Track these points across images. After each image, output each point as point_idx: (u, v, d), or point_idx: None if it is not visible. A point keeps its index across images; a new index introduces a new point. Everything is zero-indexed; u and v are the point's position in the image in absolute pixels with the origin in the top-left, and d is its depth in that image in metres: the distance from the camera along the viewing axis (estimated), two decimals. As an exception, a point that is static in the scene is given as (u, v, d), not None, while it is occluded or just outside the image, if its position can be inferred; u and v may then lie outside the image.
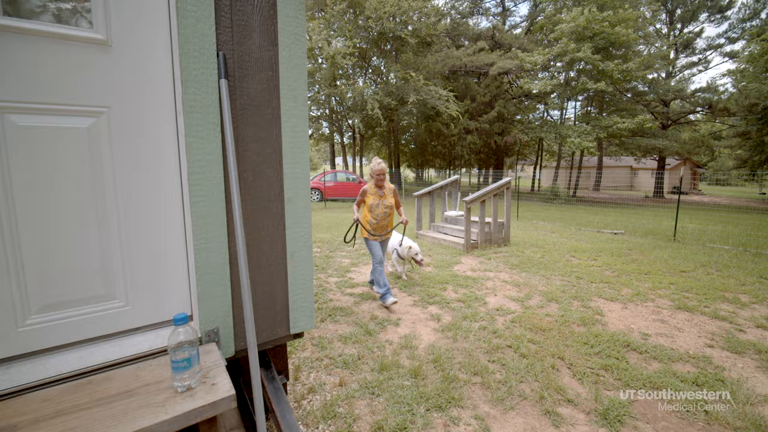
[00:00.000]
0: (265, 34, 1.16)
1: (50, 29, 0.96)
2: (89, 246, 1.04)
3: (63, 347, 1.04)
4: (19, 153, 0.94)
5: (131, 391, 0.92)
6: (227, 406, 0.89)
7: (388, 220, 3.93)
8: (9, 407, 0.86)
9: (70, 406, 0.86)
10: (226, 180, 1.13)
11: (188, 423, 0.85)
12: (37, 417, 0.83)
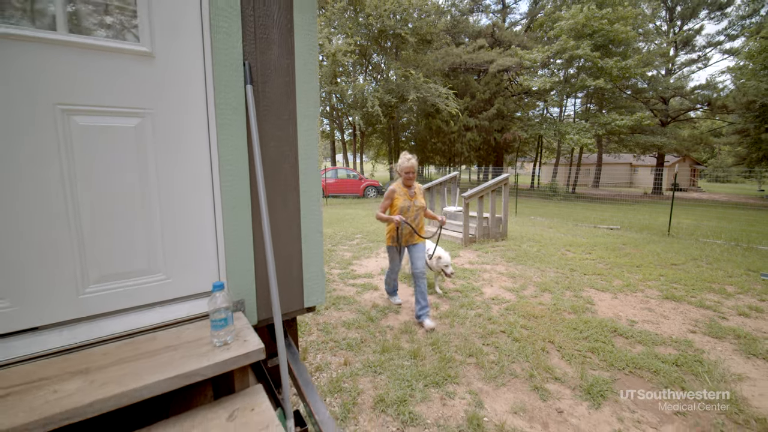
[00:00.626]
0: (284, 45, 1.34)
1: (105, 44, 1.14)
2: (136, 227, 1.23)
3: (114, 312, 1.22)
4: (81, 147, 1.12)
5: (175, 346, 1.11)
6: (257, 357, 1.07)
7: (419, 222, 3.43)
8: (78, 358, 1.05)
9: (125, 357, 1.05)
10: (251, 172, 1.31)
11: (226, 369, 1.03)
12: (100, 365, 1.01)
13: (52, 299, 1.12)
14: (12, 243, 1.05)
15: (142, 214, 1.22)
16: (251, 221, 1.33)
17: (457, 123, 19.35)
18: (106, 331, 1.14)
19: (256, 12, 1.27)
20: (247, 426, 0.96)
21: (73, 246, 1.13)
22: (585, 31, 17.69)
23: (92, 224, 1.15)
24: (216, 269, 1.36)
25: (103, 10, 1.16)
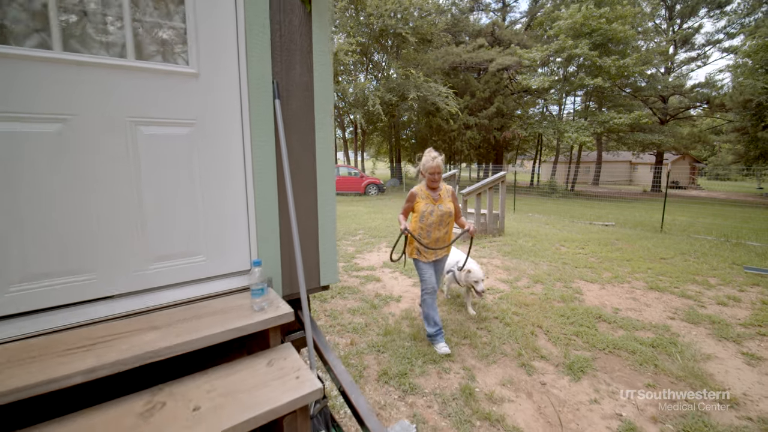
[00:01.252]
0: (304, 65, 1.59)
1: (162, 67, 1.40)
2: (184, 216, 1.49)
3: (171, 285, 1.49)
4: (145, 151, 1.38)
5: (223, 310, 1.37)
6: (288, 319, 1.34)
7: (445, 231, 2.94)
8: (147, 318, 1.31)
9: (186, 318, 1.31)
10: (278, 172, 1.57)
11: (265, 327, 1.30)
12: (167, 323, 1.28)
13: (124, 274, 1.39)
14: (95, 228, 1.32)
15: (188, 206, 1.49)
16: (278, 213, 1.60)
17: (457, 121, 19.58)
18: (167, 300, 1.41)
19: (282, 39, 1.53)
20: (282, 370, 1.23)
21: (138, 230, 1.40)
22: (583, 30, 17.87)
23: (152, 213, 1.42)
24: (248, 253, 1.63)
25: (160, 39, 1.42)
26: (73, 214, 1.28)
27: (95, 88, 1.28)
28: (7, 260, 1.20)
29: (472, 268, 3.33)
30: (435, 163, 2.84)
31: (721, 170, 41.62)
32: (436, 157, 2.87)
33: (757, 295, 4.25)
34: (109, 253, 1.35)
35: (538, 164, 31.23)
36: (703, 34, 28.75)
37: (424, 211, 2.87)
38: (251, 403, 1.07)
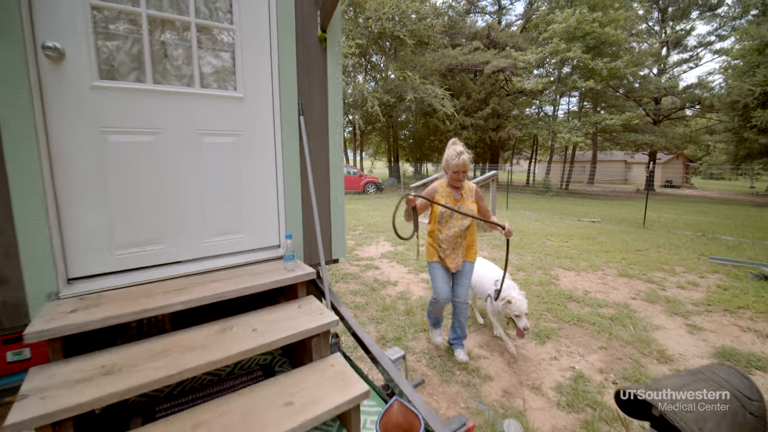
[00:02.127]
0: (321, 89, 2.09)
1: (218, 93, 1.89)
2: (232, 201, 1.99)
3: (223, 255, 1.99)
4: (207, 154, 1.88)
5: (265, 271, 1.86)
6: (311, 276, 1.84)
7: (466, 236, 2.61)
8: (209, 276, 1.80)
9: (237, 275, 1.80)
10: (302, 170, 2.07)
11: (295, 281, 1.80)
12: (224, 278, 1.77)
13: (189, 244, 1.89)
14: (173, 210, 1.82)
15: (236, 196, 1.99)
16: (301, 200, 2.09)
17: (453, 122, 20.09)
18: (220, 264, 1.90)
19: (305, 70, 2.03)
20: (309, 311, 1.73)
21: (201, 213, 1.89)
22: (577, 33, 18.40)
23: (210, 198, 1.92)
24: (277, 232, 2.14)
25: (217, 72, 1.92)
26: (159, 201, 1.78)
27: (173, 110, 1.77)
28: (114, 233, 1.70)
29: (514, 297, 2.61)
30: (461, 161, 2.42)
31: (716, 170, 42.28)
32: (462, 153, 2.43)
33: (715, 281, 4.77)
34: (182, 229, 1.85)
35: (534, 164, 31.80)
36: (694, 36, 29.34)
37: (443, 211, 2.50)
38: (290, 327, 1.57)
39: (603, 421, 2.12)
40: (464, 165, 2.46)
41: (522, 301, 2.66)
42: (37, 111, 1.44)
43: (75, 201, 1.59)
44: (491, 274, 3.08)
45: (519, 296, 2.67)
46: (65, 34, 1.51)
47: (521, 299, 2.66)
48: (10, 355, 1.66)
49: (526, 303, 2.67)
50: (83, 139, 1.58)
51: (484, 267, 3.25)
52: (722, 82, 24.88)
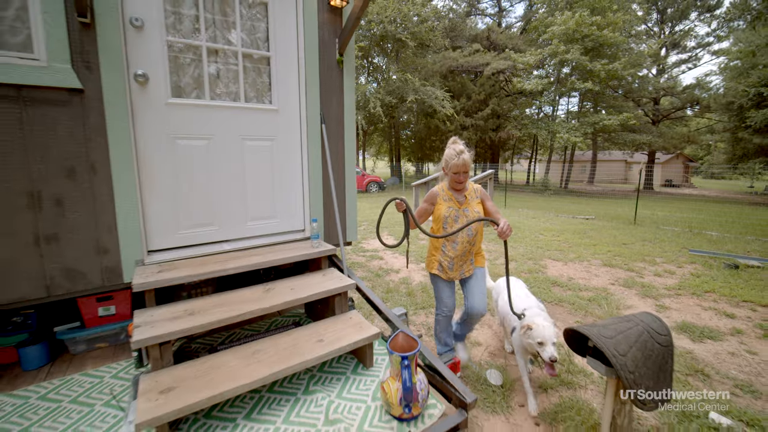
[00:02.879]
0: (338, 101, 2.56)
1: (258, 106, 2.37)
2: (267, 193, 2.46)
3: (260, 236, 2.47)
4: (248, 155, 2.36)
5: (294, 247, 2.35)
6: (331, 253, 2.32)
7: (475, 242, 2.35)
8: (250, 251, 2.29)
9: (272, 250, 2.28)
10: (323, 167, 2.54)
11: (319, 256, 2.28)
12: (262, 252, 2.25)
13: (233, 227, 2.37)
14: (220, 199, 2.30)
15: (269, 188, 2.46)
16: (322, 192, 2.57)
17: (453, 122, 20.54)
18: (258, 243, 2.38)
19: (325, 87, 2.50)
20: (332, 277, 2.21)
21: (243, 202, 2.37)
22: (575, 36, 18.81)
23: (250, 192, 2.39)
24: (303, 217, 2.61)
25: (257, 89, 2.40)
26: (211, 193, 2.26)
27: (224, 120, 2.25)
28: (178, 217, 2.17)
29: (537, 324, 2.06)
30: (460, 161, 2.20)
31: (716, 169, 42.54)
32: (462, 153, 2.21)
33: (690, 270, 5.22)
34: (228, 215, 2.33)
35: (534, 163, 32.20)
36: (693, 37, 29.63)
37: (446, 216, 2.27)
38: (318, 287, 2.05)
39: (569, 373, 2.58)
40: (464, 165, 2.21)
41: (546, 327, 2.03)
42: (129, 123, 1.91)
43: (153, 192, 2.07)
44: (521, 303, 2.38)
45: (544, 322, 2.07)
46: (149, 63, 1.99)
47: (547, 325, 2.06)
48: (101, 311, 2.14)
49: (552, 330, 2.04)
50: (159, 144, 2.06)
51: (514, 291, 2.54)
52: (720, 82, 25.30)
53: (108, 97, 1.83)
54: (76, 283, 1.86)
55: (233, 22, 2.24)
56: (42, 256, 1.76)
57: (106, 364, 2.01)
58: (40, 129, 1.70)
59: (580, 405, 2.16)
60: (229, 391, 1.47)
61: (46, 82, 1.68)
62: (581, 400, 2.22)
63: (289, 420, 1.57)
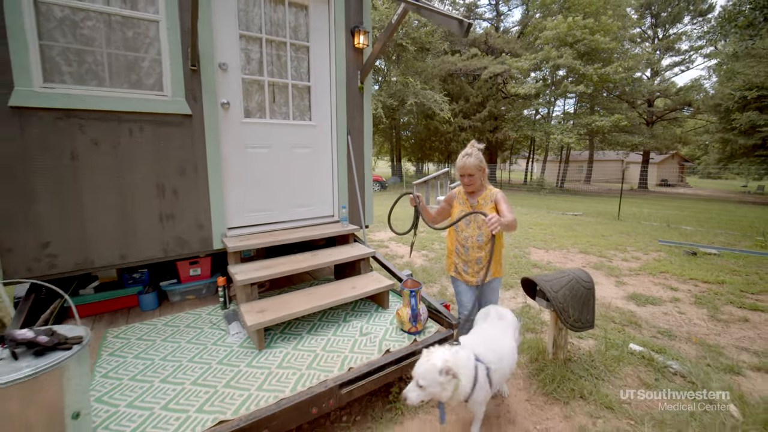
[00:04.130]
0: (360, 118, 3.38)
1: (300, 122, 3.19)
2: (306, 187, 3.28)
3: (299, 219, 3.29)
4: (294, 159, 3.18)
5: (327, 225, 3.17)
6: (356, 231, 3.14)
7: (485, 248, 2.31)
8: (294, 230, 3.11)
9: (310, 227, 3.11)
10: (348, 167, 3.36)
11: (347, 233, 3.08)
12: (304, 228, 3.07)
13: (283, 211, 3.19)
14: (274, 190, 3.11)
15: (308, 182, 3.28)
16: (348, 185, 3.39)
17: (452, 124, 21.35)
18: (301, 224, 3.21)
19: (351, 106, 3.32)
20: (358, 248, 3.02)
21: (290, 192, 3.19)
22: (568, 40, 19.60)
23: (295, 185, 3.21)
24: (332, 205, 3.44)
25: (300, 109, 3.22)
26: (268, 185, 3.07)
27: (278, 133, 3.07)
28: (246, 203, 2.99)
29: (442, 362, 1.61)
30: (461, 163, 2.23)
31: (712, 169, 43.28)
32: (467, 156, 2.23)
33: (654, 257, 6.04)
34: (279, 202, 3.16)
35: (532, 163, 33.01)
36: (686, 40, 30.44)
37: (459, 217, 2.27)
38: (348, 254, 2.87)
39: (537, 322, 3.40)
40: (464, 168, 2.22)
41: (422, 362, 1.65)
42: (218, 137, 2.73)
43: (231, 185, 2.89)
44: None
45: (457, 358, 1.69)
46: (230, 94, 2.80)
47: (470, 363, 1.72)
48: (191, 271, 2.96)
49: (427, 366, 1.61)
50: (235, 151, 2.88)
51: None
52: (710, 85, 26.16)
53: (206, 119, 2.64)
54: (183, 248, 2.68)
55: (285, 62, 3.06)
56: (163, 229, 2.58)
57: (196, 309, 2.83)
58: (164, 142, 2.52)
59: (535, 341, 2.98)
60: (298, 312, 2.29)
61: (170, 110, 2.49)
62: (539, 339, 3.04)
63: (336, 334, 2.39)
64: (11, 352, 1.30)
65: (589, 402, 2.25)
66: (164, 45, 2.45)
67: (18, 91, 2.07)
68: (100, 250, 2.40)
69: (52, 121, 2.18)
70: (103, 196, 2.36)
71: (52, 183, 2.21)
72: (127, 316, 2.69)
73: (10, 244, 2.13)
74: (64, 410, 1.34)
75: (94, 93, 2.29)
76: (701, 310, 3.81)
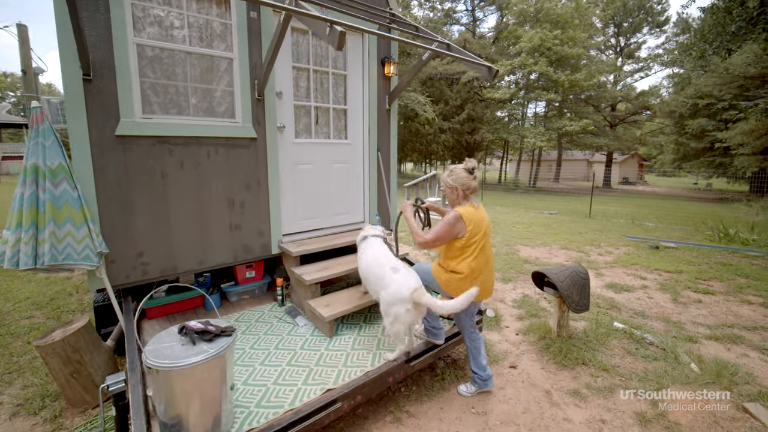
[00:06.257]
0: (387, 136, 3.86)
1: (337, 141, 3.64)
2: (343, 197, 3.73)
3: (338, 225, 3.74)
4: (333, 173, 3.62)
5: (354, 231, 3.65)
6: (387, 235, 3.64)
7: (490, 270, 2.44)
8: (336, 236, 3.56)
9: (351, 234, 3.58)
10: (379, 179, 3.84)
11: (383, 237, 3.60)
12: (342, 235, 3.53)
13: (325, 219, 3.63)
14: (317, 200, 3.55)
15: (344, 192, 3.73)
16: (378, 192, 3.88)
17: (433, 126, 22.12)
18: (339, 230, 3.66)
19: (380, 125, 3.81)
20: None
21: (328, 199, 3.63)
22: (541, 50, 20.88)
23: (334, 195, 3.65)
24: (363, 213, 3.91)
25: (338, 129, 3.67)
26: (313, 196, 3.50)
27: (321, 151, 3.51)
28: (295, 212, 3.41)
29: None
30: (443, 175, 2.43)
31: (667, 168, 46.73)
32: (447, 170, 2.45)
33: (624, 251, 6.92)
34: (322, 211, 3.60)
35: (506, 163, 34.53)
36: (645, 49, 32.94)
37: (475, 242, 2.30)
38: (388, 255, 3.36)
39: (537, 309, 4.03)
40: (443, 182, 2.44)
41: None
42: (276, 156, 3.14)
43: (284, 197, 3.30)
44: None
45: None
46: (284, 118, 3.22)
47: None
48: (247, 274, 3.35)
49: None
50: (287, 168, 3.29)
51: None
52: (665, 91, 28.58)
53: (268, 141, 3.05)
54: (247, 254, 3.07)
55: (327, 89, 3.50)
56: (233, 237, 2.97)
57: (256, 307, 3.22)
58: (234, 161, 2.91)
59: (540, 323, 3.60)
60: (358, 306, 2.77)
61: (240, 135, 2.89)
62: (542, 322, 3.67)
63: (388, 322, 2.89)
64: (191, 339, 1.71)
65: (590, 366, 2.88)
66: (236, 79, 2.84)
67: (123, 123, 2.41)
68: (182, 257, 2.76)
69: (148, 146, 2.53)
70: (185, 210, 2.73)
71: (147, 199, 2.56)
72: (197, 315, 3.05)
73: (114, 256, 2.47)
74: (227, 382, 1.77)
75: (181, 121, 2.65)
76: (665, 295, 4.60)
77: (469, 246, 2.29)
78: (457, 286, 2.29)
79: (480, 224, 2.34)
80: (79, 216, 2.12)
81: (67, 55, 2.16)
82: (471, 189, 2.39)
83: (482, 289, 2.30)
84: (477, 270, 2.31)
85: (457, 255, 2.33)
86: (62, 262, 2.02)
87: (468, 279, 2.30)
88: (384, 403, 2.47)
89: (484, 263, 2.36)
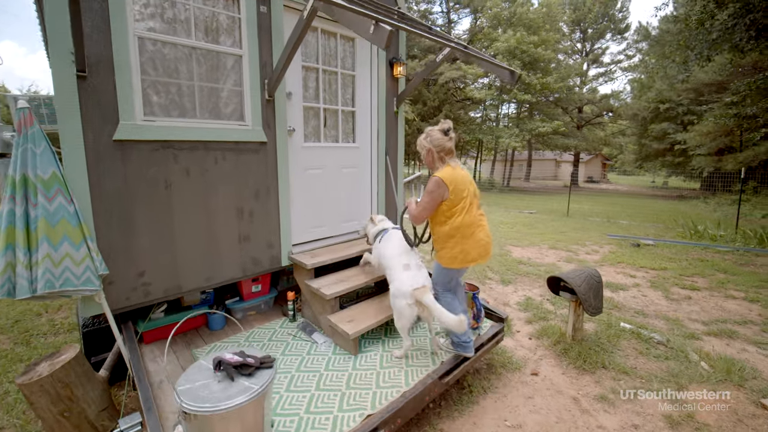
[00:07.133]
0: (395, 139, 3.73)
1: (346, 144, 3.47)
2: (351, 201, 3.57)
3: (345, 233, 3.57)
4: (342, 178, 3.46)
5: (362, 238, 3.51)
6: (401, 242, 3.52)
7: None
8: (344, 244, 3.40)
9: (358, 242, 3.43)
10: (387, 183, 3.71)
11: (395, 244, 3.48)
12: (352, 243, 3.38)
13: (333, 226, 3.45)
14: (326, 208, 3.37)
15: (353, 198, 3.57)
16: (386, 197, 3.74)
17: (411, 126, 22.17)
18: (347, 237, 3.50)
19: (388, 129, 3.68)
20: (404, 258, 3.42)
21: (337, 206, 3.46)
22: (516, 52, 21.45)
23: (342, 201, 3.48)
24: (372, 219, 3.77)
25: (346, 132, 3.50)
26: (321, 203, 3.32)
27: (330, 155, 3.33)
28: (305, 221, 3.21)
29: None
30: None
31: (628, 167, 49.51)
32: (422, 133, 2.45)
33: (608, 249, 7.19)
34: (330, 218, 3.42)
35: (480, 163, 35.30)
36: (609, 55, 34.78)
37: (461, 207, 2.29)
38: (403, 264, 3.25)
39: (543, 311, 4.06)
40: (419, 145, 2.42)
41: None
42: (286, 161, 2.93)
43: (293, 205, 3.09)
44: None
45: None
46: (294, 120, 3.01)
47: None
48: (253, 288, 3.12)
49: None
50: (297, 173, 3.09)
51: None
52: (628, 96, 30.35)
53: (278, 145, 2.84)
54: (257, 267, 2.85)
55: (336, 90, 3.32)
56: (242, 250, 2.74)
57: (265, 324, 3.00)
58: (243, 168, 2.68)
59: (552, 327, 3.62)
60: (381, 320, 2.63)
61: (249, 138, 2.66)
62: (553, 326, 3.69)
63: (411, 335, 2.77)
64: (229, 375, 1.52)
65: (610, 370, 2.91)
66: (246, 78, 2.62)
67: (123, 126, 2.13)
68: (188, 274, 2.51)
69: (151, 152, 2.26)
70: (191, 222, 2.48)
71: (149, 212, 2.30)
72: (201, 335, 2.79)
73: (113, 277, 2.19)
74: (267, 418, 1.59)
75: (187, 124, 2.40)
76: (657, 292, 4.79)
77: (455, 205, 2.27)
78: (445, 245, 2.33)
79: (463, 182, 2.30)
80: (77, 234, 1.85)
81: (59, 49, 1.88)
82: (446, 150, 2.35)
83: (479, 249, 2.36)
84: (466, 227, 2.27)
85: (446, 219, 2.30)
86: (60, 289, 1.74)
87: (458, 237, 2.28)
88: (416, 422, 2.36)
89: (478, 221, 2.36)
